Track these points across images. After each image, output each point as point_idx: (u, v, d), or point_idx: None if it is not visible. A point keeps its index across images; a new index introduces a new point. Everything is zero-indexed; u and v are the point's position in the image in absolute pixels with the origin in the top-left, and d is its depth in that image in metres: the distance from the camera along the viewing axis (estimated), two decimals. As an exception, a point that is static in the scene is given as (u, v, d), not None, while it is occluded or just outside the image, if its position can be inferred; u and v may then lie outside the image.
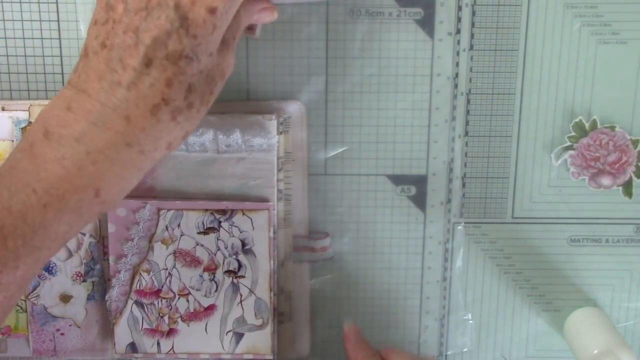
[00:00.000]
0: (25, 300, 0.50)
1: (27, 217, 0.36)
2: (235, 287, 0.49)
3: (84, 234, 0.49)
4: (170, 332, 0.50)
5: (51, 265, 0.49)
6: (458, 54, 0.49)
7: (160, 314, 0.50)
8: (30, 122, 0.47)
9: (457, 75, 0.49)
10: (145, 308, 0.50)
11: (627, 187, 0.51)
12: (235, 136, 0.47)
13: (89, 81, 0.36)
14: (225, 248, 0.49)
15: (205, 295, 0.49)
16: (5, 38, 0.48)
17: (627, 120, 0.50)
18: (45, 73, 0.49)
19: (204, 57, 0.37)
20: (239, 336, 0.50)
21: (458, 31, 0.49)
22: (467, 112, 0.50)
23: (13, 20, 0.48)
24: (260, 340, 0.50)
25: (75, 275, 0.50)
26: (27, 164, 0.36)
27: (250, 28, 0.47)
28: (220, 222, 0.48)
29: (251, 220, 0.48)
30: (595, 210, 0.51)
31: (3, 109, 0.48)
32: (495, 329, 0.54)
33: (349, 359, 0.48)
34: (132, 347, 0.50)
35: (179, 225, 0.48)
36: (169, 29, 0.35)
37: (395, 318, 0.53)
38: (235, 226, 0.48)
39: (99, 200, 0.37)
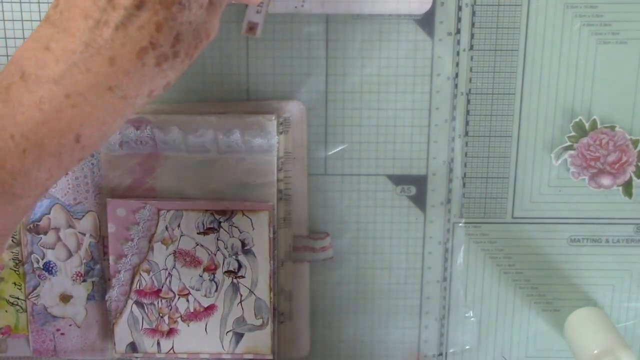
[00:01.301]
0: (25, 300, 0.50)
1: (5, 163, 0.34)
2: (235, 287, 0.49)
3: (84, 234, 0.49)
4: (170, 332, 0.50)
5: (51, 265, 0.49)
6: (458, 54, 0.49)
7: (160, 314, 0.50)
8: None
9: (457, 75, 0.49)
10: (145, 308, 0.50)
11: (627, 187, 0.51)
12: (235, 136, 0.47)
13: (73, 19, 0.35)
14: (225, 248, 0.49)
15: (205, 295, 0.49)
16: (5, 38, 0.48)
17: (627, 120, 0.50)
18: (45, 73, 0.49)
19: (195, 6, 0.36)
20: (238, 336, 0.50)
21: (458, 31, 0.48)
22: (467, 112, 0.50)
23: (13, 20, 0.48)
24: (260, 340, 0.50)
25: (75, 275, 0.50)
26: (2, 109, 0.35)
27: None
28: (220, 222, 0.48)
29: (251, 220, 0.48)
30: (595, 210, 0.51)
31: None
32: (495, 328, 0.54)
33: None
34: (132, 347, 0.50)
35: (179, 226, 0.48)
36: None
37: (395, 318, 0.53)
38: (235, 226, 0.48)
39: (79, 146, 0.36)
